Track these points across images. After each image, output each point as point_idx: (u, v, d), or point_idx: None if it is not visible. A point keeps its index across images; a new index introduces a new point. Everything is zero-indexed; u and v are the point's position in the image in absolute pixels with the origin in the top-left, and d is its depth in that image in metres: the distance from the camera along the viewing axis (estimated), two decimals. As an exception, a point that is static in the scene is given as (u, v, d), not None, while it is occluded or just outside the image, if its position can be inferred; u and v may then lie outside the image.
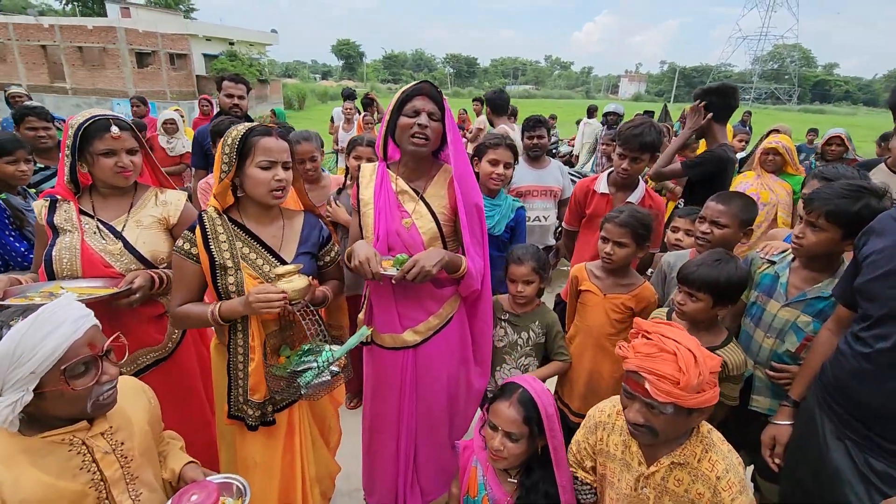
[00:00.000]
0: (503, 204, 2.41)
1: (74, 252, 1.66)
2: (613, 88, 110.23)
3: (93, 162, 1.67)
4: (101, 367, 1.03)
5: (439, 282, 1.81)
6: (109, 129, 1.65)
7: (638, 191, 2.48)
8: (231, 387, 1.60)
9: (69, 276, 1.66)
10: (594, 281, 2.08)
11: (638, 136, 2.33)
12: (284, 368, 1.62)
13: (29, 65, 22.16)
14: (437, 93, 1.70)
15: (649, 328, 1.29)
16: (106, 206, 1.77)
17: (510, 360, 2.09)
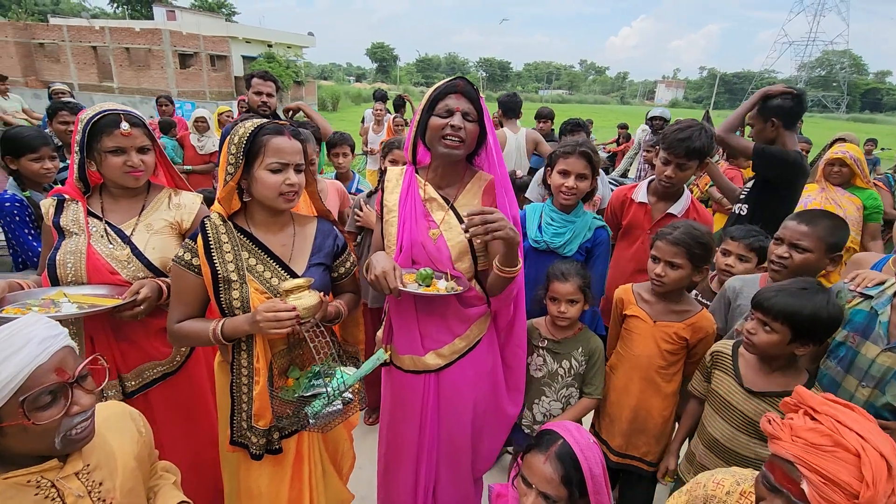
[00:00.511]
0: (578, 221, 2.08)
1: (80, 257, 1.54)
2: (649, 94, 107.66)
3: (101, 160, 1.55)
4: (70, 397, 0.88)
5: (467, 300, 1.62)
6: (119, 124, 1.53)
7: (682, 201, 2.21)
8: (234, 411, 1.45)
9: (73, 282, 1.55)
10: (642, 305, 1.84)
11: (684, 141, 2.06)
12: (293, 392, 1.47)
13: (80, 65, 23.22)
14: (473, 91, 1.52)
15: (818, 405, 0.92)
16: (116, 208, 1.65)
17: (550, 392, 1.87)
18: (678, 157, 2.09)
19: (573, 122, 3.54)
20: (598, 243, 2.08)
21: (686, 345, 1.78)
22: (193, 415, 1.78)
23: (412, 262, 1.60)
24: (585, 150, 2.01)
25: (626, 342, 1.88)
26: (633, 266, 2.28)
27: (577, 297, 1.77)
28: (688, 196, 2.23)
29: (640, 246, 2.27)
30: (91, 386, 0.94)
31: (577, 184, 2.01)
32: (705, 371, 1.69)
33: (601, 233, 2.10)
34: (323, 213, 1.62)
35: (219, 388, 1.57)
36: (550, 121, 5.57)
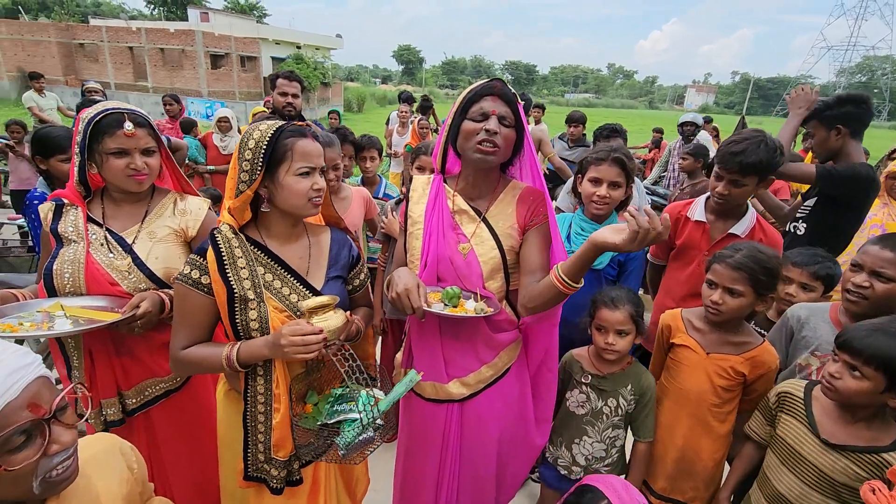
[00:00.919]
0: None
1: (78, 266, 1.44)
2: (679, 99, 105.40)
3: (102, 162, 1.44)
4: (48, 435, 0.77)
5: (498, 324, 1.47)
6: (123, 124, 1.42)
7: (746, 220, 1.96)
8: (248, 443, 1.32)
9: (71, 293, 1.45)
10: (693, 334, 1.65)
11: (737, 155, 1.78)
12: (314, 420, 1.34)
13: (117, 64, 23.91)
14: (510, 93, 1.37)
15: None
16: (118, 214, 1.54)
17: (593, 433, 1.68)
18: (731, 173, 1.82)
19: (609, 127, 3.31)
20: (632, 258, 1.92)
21: (743, 381, 1.58)
22: (197, 433, 1.67)
23: (437, 279, 1.46)
24: (619, 157, 1.85)
25: (672, 374, 1.69)
26: (687, 290, 2.05)
27: (627, 328, 1.58)
28: (752, 214, 1.96)
29: (695, 269, 2.02)
30: (72, 419, 0.82)
31: (610, 192, 1.84)
32: (769, 413, 1.49)
33: None
34: (335, 221, 1.49)
35: (224, 420, 1.43)
36: (582, 125, 5.36)
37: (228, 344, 1.25)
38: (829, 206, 2.28)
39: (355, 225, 2.48)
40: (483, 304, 1.37)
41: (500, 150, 1.35)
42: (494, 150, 1.33)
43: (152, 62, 23.42)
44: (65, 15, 32.08)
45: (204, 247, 1.25)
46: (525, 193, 1.46)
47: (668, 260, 2.21)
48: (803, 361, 1.61)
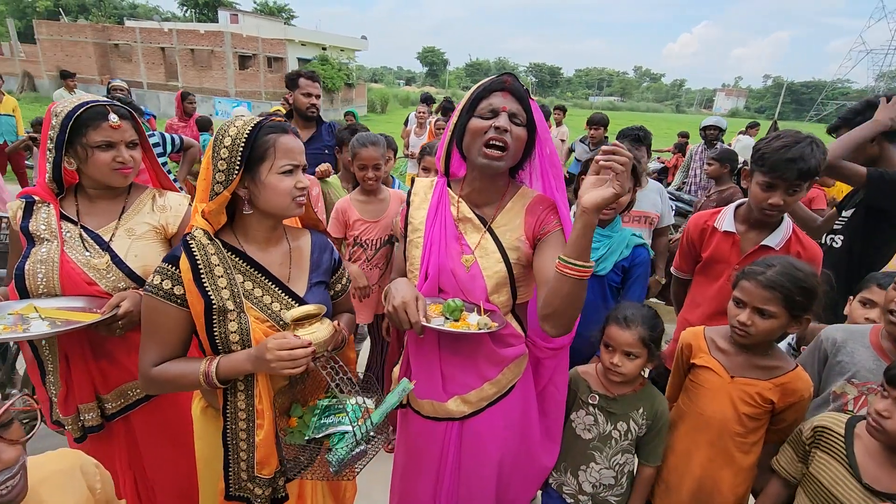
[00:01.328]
0: (615, 236, 1.84)
1: (52, 266, 1.38)
2: (707, 103, 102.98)
3: (86, 157, 1.39)
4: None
5: (503, 339, 1.36)
6: (107, 117, 1.38)
7: (780, 231, 1.78)
8: (229, 461, 1.24)
9: (45, 294, 1.39)
10: (717, 355, 1.52)
11: (796, 162, 1.59)
12: (301, 435, 1.26)
13: (149, 65, 24.60)
14: (522, 89, 1.26)
15: None
16: (93, 211, 1.49)
17: (601, 459, 1.55)
18: (789, 182, 1.63)
19: (633, 132, 3.11)
20: (637, 263, 1.84)
21: (771, 409, 1.44)
22: (182, 438, 1.60)
23: (439, 290, 1.37)
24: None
25: (692, 397, 1.55)
26: (714, 307, 1.89)
27: (637, 352, 1.46)
28: (788, 225, 1.79)
29: (724, 284, 1.86)
30: (17, 434, 0.76)
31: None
32: (801, 448, 1.35)
33: (641, 252, 1.86)
34: (313, 223, 1.41)
35: (202, 438, 1.35)
36: (603, 128, 5.18)
37: (206, 359, 1.17)
38: (871, 217, 2.09)
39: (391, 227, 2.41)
40: (487, 319, 1.27)
41: (510, 150, 1.24)
42: (502, 152, 1.23)
43: (183, 62, 24.02)
44: (102, 17, 33.20)
45: (176, 254, 1.15)
46: (534, 202, 1.35)
47: (693, 273, 2.06)
48: (838, 389, 1.46)
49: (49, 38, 23.79)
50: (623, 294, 1.84)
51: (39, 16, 32.84)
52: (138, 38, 24.14)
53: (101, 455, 1.50)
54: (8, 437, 0.74)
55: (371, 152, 2.29)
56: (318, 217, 1.40)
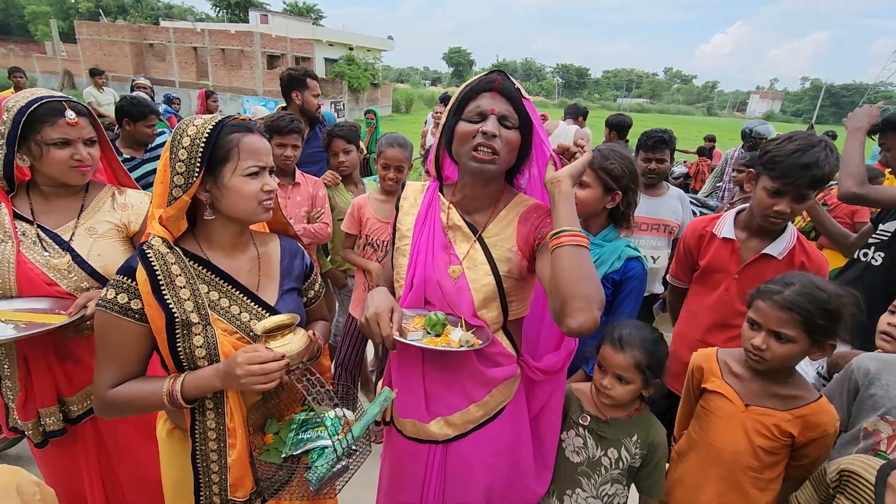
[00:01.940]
0: (607, 246, 1.70)
1: (8, 267, 1.33)
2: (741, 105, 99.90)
3: (41, 154, 1.34)
4: None
5: (491, 357, 1.26)
6: (64, 113, 1.33)
7: (783, 239, 1.65)
8: (200, 485, 1.17)
9: (1, 296, 1.34)
10: (730, 380, 1.39)
11: (809, 168, 1.48)
12: (277, 452, 1.20)
13: (182, 64, 25.29)
14: (513, 89, 1.16)
15: None
16: (49, 209, 1.43)
17: (588, 486, 1.44)
18: (798, 188, 1.53)
19: (655, 135, 2.91)
20: (629, 277, 1.68)
21: (791, 443, 1.30)
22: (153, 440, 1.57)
23: (426, 303, 1.28)
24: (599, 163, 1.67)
25: (703, 425, 1.43)
26: (712, 319, 1.79)
27: (629, 377, 1.34)
28: (792, 232, 1.67)
29: (722, 294, 1.77)
30: None
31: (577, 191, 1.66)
32: (824, 489, 1.21)
33: (634, 265, 1.69)
34: (283, 227, 1.34)
35: (170, 462, 1.27)
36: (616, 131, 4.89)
37: (169, 377, 1.09)
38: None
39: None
40: (470, 335, 1.17)
41: (501, 156, 1.14)
42: (492, 157, 1.13)
43: (213, 62, 24.60)
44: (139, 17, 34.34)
45: (131, 265, 1.07)
46: (529, 210, 1.24)
47: (690, 282, 1.93)
48: (870, 426, 1.30)
49: (89, 38, 24.73)
50: (612, 310, 1.69)
51: (81, 16, 34.18)
52: (172, 38, 24.85)
53: (65, 461, 1.48)
54: None
55: (397, 153, 2.30)
56: (287, 220, 1.33)
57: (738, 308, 1.72)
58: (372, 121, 5.78)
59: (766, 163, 1.60)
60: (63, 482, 1.51)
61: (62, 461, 1.49)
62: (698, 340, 1.79)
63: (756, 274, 1.68)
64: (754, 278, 1.67)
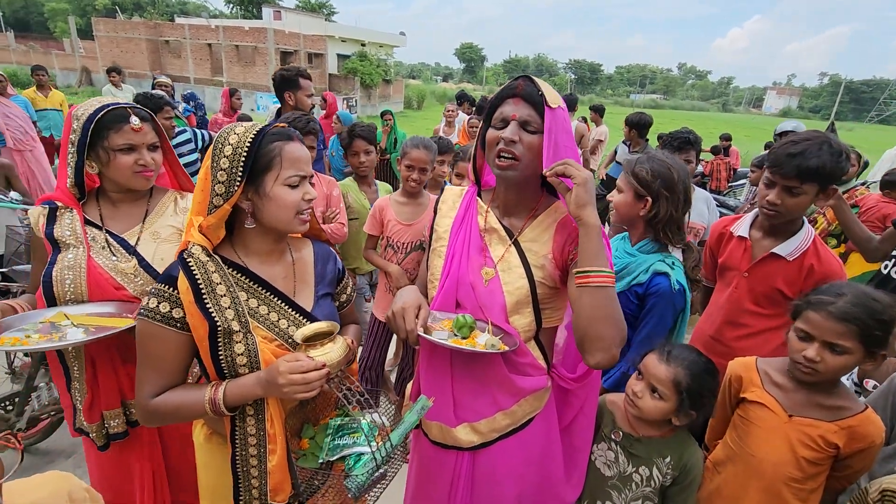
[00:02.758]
0: (638, 258, 1.64)
1: (79, 272, 1.36)
2: (757, 102, 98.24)
3: (108, 160, 1.37)
4: None
5: (520, 367, 1.24)
6: (129, 119, 1.36)
7: (796, 239, 1.63)
8: (240, 489, 1.17)
9: (72, 301, 1.37)
10: (772, 390, 1.35)
11: (794, 158, 1.50)
12: (314, 457, 1.20)
13: (197, 60, 25.52)
14: (536, 94, 1.14)
15: None
16: (116, 215, 1.47)
17: (618, 499, 1.41)
18: (786, 179, 1.54)
19: (682, 137, 2.84)
20: (653, 293, 1.56)
21: (836, 454, 1.27)
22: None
23: (457, 304, 1.27)
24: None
25: (742, 436, 1.40)
26: (723, 317, 1.79)
27: (664, 392, 1.30)
28: (807, 234, 1.64)
29: (733, 292, 1.77)
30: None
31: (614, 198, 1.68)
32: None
33: (661, 281, 1.56)
34: (314, 233, 1.33)
35: (207, 467, 1.28)
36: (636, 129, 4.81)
37: (211, 385, 1.09)
38: None
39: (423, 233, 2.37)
40: (496, 340, 1.16)
41: (522, 161, 1.14)
42: (511, 163, 1.13)
43: (228, 58, 24.77)
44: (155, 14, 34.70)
45: (172, 274, 1.07)
46: (567, 219, 1.22)
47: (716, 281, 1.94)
48: (919, 441, 1.27)
49: (106, 35, 25.06)
50: (635, 326, 1.60)
51: (98, 13, 34.63)
52: (187, 35, 25.08)
53: (124, 463, 1.50)
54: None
55: (422, 154, 2.30)
56: (319, 226, 1.32)
57: (746, 306, 1.74)
58: (389, 121, 5.77)
59: (767, 155, 1.64)
60: (114, 484, 1.52)
61: (118, 463, 1.51)
62: (711, 337, 1.82)
63: (765, 273, 1.68)
64: (763, 277, 1.69)
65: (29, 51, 26.96)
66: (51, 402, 2.17)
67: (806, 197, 1.56)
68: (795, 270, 1.63)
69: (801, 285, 1.61)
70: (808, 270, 1.61)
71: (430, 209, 2.34)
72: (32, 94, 5.80)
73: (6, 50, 26.83)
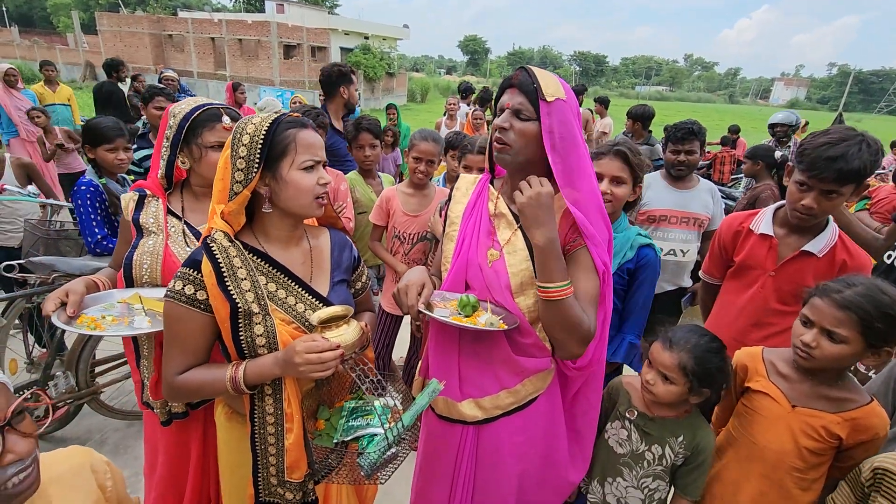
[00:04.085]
0: (618, 237, 1.71)
1: (156, 258, 1.46)
2: (764, 93, 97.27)
3: (200, 156, 1.46)
4: (3, 444, 0.71)
5: (524, 347, 1.28)
6: (221, 119, 1.46)
7: (825, 236, 1.62)
8: (259, 466, 1.22)
9: (148, 284, 1.47)
10: (776, 380, 1.37)
11: (836, 161, 1.44)
12: (329, 437, 1.24)
13: (200, 54, 25.51)
14: (530, 83, 1.17)
15: None
16: (197, 208, 1.55)
17: (629, 476, 1.46)
18: (825, 183, 1.49)
19: (685, 128, 2.83)
20: (643, 265, 1.73)
21: (838, 445, 1.29)
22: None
23: (466, 286, 1.31)
24: (622, 150, 1.72)
25: (744, 423, 1.42)
26: (746, 319, 1.77)
27: (674, 377, 1.33)
28: (834, 230, 1.63)
29: (757, 292, 1.74)
30: (29, 428, 0.76)
31: (613, 189, 1.71)
32: (859, 488, 1.20)
33: (647, 252, 1.74)
34: (331, 220, 1.37)
35: (228, 444, 1.33)
36: (640, 122, 4.77)
37: (231, 364, 1.14)
38: None
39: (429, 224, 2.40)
40: (496, 319, 1.21)
41: (514, 147, 1.20)
42: (503, 146, 1.21)
43: (231, 52, 24.74)
44: (158, 8, 34.64)
45: (196, 258, 1.12)
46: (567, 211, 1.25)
47: (723, 279, 1.91)
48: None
49: (110, 30, 25.08)
50: (627, 299, 1.74)
51: (101, 8, 34.62)
52: (190, 29, 25.04)
53: (182, 441, 1.57)
54: (21, 430, 0.74)
55: (430, 147, 2.34)
56: (336, 214, 1.36)
57: (772, 306, 1.72)
58: (393, 115, 5.79)
59: (798, 155, 1.58)
60: (170, 459, 1.59)
61: (177, 440, 1.57)
62: (733, 339, 1.76)
63: (794, 271, 1.66)
64: (792, 276, 1.66)
65: (33, 46, 27.02)
66: (68, 390, 2.23)
67: (842, 198, 1.53)
68: (826, 266, 1.61)
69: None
70: (841, 265, 1.60)
71: (436, 200, 2.38)
72: (41, 89, 5.84)
73: (10, 45, 26.90)
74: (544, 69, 1.22)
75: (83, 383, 2.29)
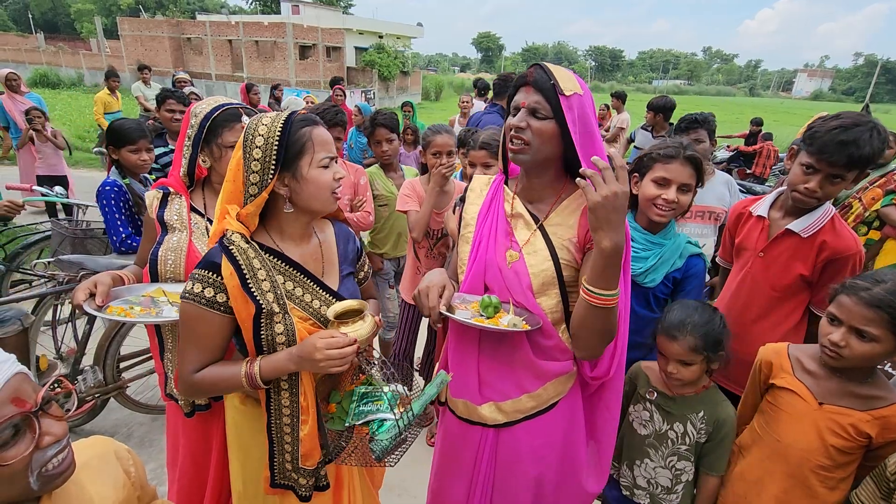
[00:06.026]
0: (667, 244, 1.63)
1: (180, 254, 1.50)
2: (786, 85, 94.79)
3: (220, 155, 1.50)
4: (38, 428, 0.74)
5: (546, 350, 1.27)
6: (240, 119, 1.49)
7: (814, 215, 1.57)
8: (274, 452, 1.26)
9: (172, 279, 1.51)
10: (802, 377, 1.34)
11: (847, 146, 1.42)
12: (341, 421, 1.28)
13: (218, 56, 25.91)
14: (546, 80, 1.14)
15: None
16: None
17: (656, 457, 1.47)
18: (833, 167, 1.47)
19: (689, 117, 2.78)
20: (691, 275, 1.62)
21: (868, 443, 1.26)
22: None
23: (486, 288, 1.30)
24: (693, 156, 1.57)
25: (769, 421, 1.39)
26: (734, 298, 1.77)
27: (690, 359, 1.36)
28: (825, 211, 1.59)
29: (746, 273, 1.73)
30: (60, 412, 0.79)
31: (679, 197, 1.56)
32: (885, 485, 1.17)
33: (696, 262, 1.63)
34: (334, 213, 1.39)
35: (239, 426, 1.36)
36: (661, 114, 4.67)
37: (246, 361, 1.16)
38: None
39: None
40: (519, 320, 1.19)
41: (532, 146, 1.16)
42: (521, 147, 1.17)
43: (248, 54, 25.07)
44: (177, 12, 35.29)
45: (214, 261, 1.11)
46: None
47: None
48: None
49: (131, 34, 25.61)
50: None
51: (122, 13, 35.43)
52: (208, 32, 25.44)
53: (205, 433, 1.61)
54: (52, 414, 0.77)
55: (446, 139, 2.34)
56: (339, 208, 1.37)
57: (759, 287, 1.71)
58: (409, 113, 5.81)
59: (807, 138, 1.54)
60: (192, 451, 1.63)
61: (200, 432, 1.62)
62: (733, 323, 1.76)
63: (779, 251, 1.65)
64: (777, 256, 1.66)
65: (58, 51, 27.79)
66: (96, 384, 2.29)
67: (845, 183, 1.51)
68: (809, 247, 1.59)
69: (815, 261, 1.57)
70: (820, 246, 1.57)
71: (456, 195, 2.38)
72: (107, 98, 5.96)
73: (36, 51, 27.71)
74: (559, 65, 1.21)
75: (110, 378, 2.36)
